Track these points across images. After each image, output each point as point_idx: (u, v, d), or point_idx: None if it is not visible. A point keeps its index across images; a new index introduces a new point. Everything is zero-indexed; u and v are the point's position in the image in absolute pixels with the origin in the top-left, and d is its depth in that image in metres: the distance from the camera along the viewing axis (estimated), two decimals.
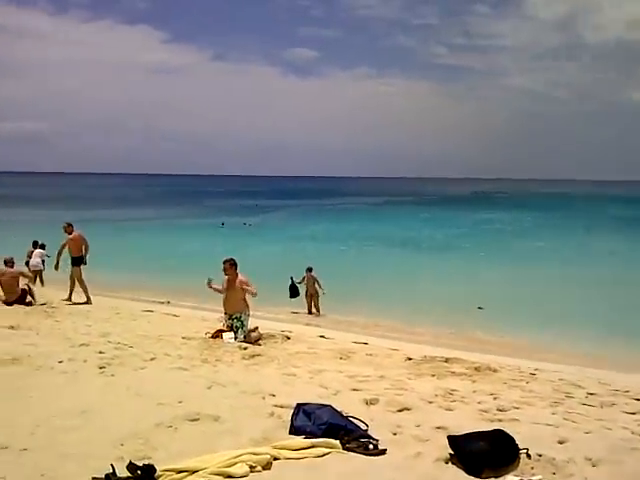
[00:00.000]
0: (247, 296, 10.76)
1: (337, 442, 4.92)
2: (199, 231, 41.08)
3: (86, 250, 14.68)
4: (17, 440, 4.80)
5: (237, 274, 10.67)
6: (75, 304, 14.07)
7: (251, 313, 10.93)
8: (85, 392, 6.25)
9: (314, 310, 17.14)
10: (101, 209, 61.87)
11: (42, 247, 19.22)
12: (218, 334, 10.37)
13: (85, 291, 14.59)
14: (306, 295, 17.14)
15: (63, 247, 14.60)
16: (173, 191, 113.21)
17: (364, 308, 16.96)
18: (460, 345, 12.70)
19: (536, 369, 9.97)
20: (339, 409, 5.62)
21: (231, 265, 10.67)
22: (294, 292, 16.72)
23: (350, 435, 5.06)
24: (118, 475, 4.15)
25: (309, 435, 5.04)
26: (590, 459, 4.77)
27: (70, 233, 14.62)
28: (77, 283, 14.64)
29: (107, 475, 4.15)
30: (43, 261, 18.94)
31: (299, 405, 5.48)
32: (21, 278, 13.77)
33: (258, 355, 9.31)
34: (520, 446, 4.81)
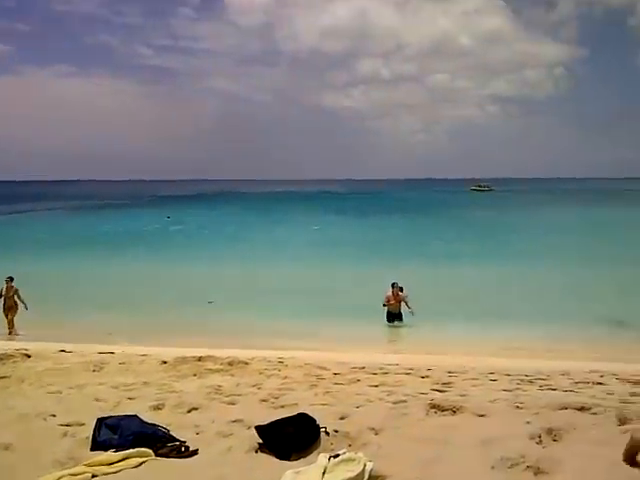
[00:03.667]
0: None
1: (149, 450, 4.96)
2: None
3: None
4: None
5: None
6: None
7: None
8: None
9: (12, 328, 14.52)
10: None
11: None
12: None
13: None
14: (4, 309, 14.49)
15: None
16: None
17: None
18: (201, 342, 13.09)
19: (280, 357, 10.79)
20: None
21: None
22: None
23: (160, 441, 5.14)
24: None
25: (118, 448, 4.99)
26: (373, 428, 5.42)
27: None
28: None
29: None
30: None
31: (100, 419, 5.34)
32: None
33: (3, 377, 8.63)
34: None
